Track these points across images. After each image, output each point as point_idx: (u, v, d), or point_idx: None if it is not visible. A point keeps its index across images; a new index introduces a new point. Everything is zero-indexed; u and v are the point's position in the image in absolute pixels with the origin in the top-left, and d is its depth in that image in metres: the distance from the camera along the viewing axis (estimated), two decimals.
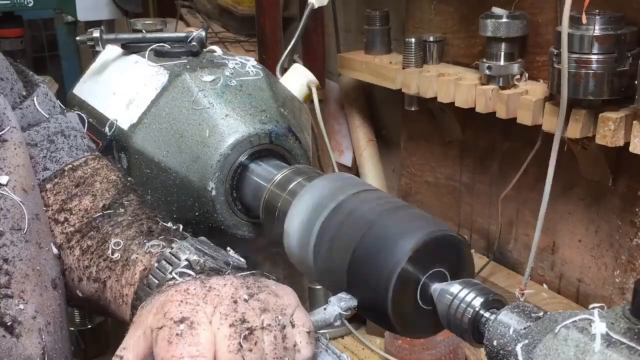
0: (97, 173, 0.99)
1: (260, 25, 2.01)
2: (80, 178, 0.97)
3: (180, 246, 0.81)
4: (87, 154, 1.02)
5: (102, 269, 0.87)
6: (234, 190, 1.10)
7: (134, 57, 1.24)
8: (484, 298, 0.74)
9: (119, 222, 0.91)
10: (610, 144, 1.31)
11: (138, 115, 1.13)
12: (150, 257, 0.83)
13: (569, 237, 1.64)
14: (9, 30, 2.11)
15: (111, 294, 0.86)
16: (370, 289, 0.78)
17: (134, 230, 0.89)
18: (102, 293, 0.87)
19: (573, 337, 0.60)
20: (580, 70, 1.30)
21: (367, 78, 1.92)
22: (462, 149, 1.89)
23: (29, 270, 0.81)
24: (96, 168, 1.00)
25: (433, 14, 1.82)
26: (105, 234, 0.90)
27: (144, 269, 0.82)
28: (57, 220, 0.94)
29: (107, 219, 0.92)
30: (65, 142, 1.00)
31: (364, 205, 0.85)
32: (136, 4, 2.10)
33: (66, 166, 0.99)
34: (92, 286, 0.89)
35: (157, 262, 0.80)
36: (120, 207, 0.93)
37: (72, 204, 0.95)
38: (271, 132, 1.12)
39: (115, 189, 0.97)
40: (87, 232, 0.91)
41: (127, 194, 0.96)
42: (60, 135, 1.00)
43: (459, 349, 1.63)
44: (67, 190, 0.96)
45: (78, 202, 0.95)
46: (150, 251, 0.83)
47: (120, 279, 0.84)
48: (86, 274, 0.89)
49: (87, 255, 0.89)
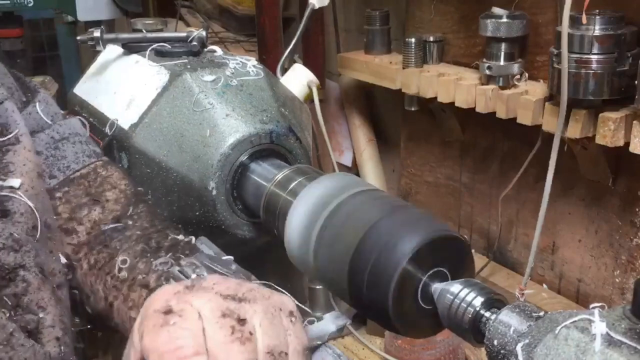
0: (107, 181, 0.97)
1: (260, 25, 2.01)
2: (89, 186, 0.96)
3: (188, 263, 0.79)
4: (95, 160, 1.00)
5: (109, 287, 0.85)
6: (234, 190, 1.10)
7: (135, 57, 1.24)
8: (484, 298, 0.74)
9: (127, 236, 0.89)
10: (610, 144, 1.31)
11: (139, 115, 1.13)
12: (158, 276, 0.80)
13: (569, 237, 1.64)
14: (9, 30, 2.11)
15: (119, 316, 0.83)
16: (372, 289, 0.78)
17: (142, 246, 0.86)
18: (110, 313, 0.85)
19: (573, 337, 0.60)
20: (580, 70, 1.30)
21: (367, 78, 1.92)
22: (462, 149, 1.89)
23: (44, 278, 0.78)
24: (105, 176, 0.98)
25: (433, 14, 1.82)
26: (114, 249, 0.88)
27: (150, 289, 0.79)
28: (67, 229, 0.92)
29: (116, 233, 0.90)
30: (70, 148, 0.98)
31: (365, 205, 0.85)
32: (136, 4, 2.09)
33: (74, 173, 0.97)
34: (100, 305, 0.87)
35: (165, 280, 0.78)
36: (129, 219, 0.92)
37: (81, 214, 0.93)
38: (272, 132, 1.12)
39: (125, 199, 0.95)
40: (95, 246, 0.89)
41: (136, 205, 0.95)
42: (65, 142, 0.98)
43: (459, 349, 1.63)
44: (77, 198, 0.94)
45: (87, 212, 0.93)
46: (158, 269, 0.81)
47: (127, 301, 0.82)
48: (93, 291, 0.87)
49: (95, 271, 0.87)
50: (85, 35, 1.27)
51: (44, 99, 0.99)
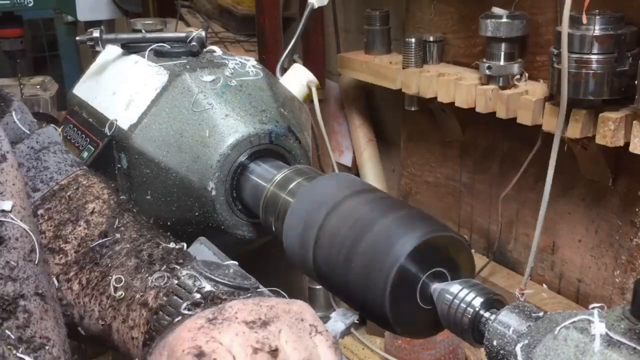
0: (89, 192, 0.92)
1: (260, 25, 2.01)
2: (70, 199, 0.91)
3: (187, 275, 0.76)
4: (76, 169, 0.95)
5: (106, 308, 0.81)
6: (234, 191, 1.10)
7: (134, 57, 1.24)
8: (484, 298, 0.74)
9: (117, 251, 0.85)
10: (610, 144, 1.31)
11: (138, 115, 1.13)
12: (156, 292, 0.77)
13: (569, 237, 1.64)
14: (9, 30, 2.11)
15: (118, 336, 0.80)
16: (370, 289, 0.78)
17: (134, 261, 0.83)
18: (108, 335, 0.82)
19: (573, 338, 0.60)
20: (580, 70, 1.30)
21: (367, 78, 1.92)
22: (462, 149, 1.89)
23: (47, 306, 0.73)
24: (86, 186, 0.93)
25: (433, 14, 1.82)
26: (105, 267, 0.84)
27: (150, 308, 0.77)
28: (52, 249, 0.87)
29: (105, 249, 0.85)
30: (52, 158, 0.93)
31: (364, 205, 0.85)
32: (136, 4, 2.09)
33: (56, 186, 0.92)
34: (96, 326, 0.83)
35: (165, 296, 0.76)
36: (116, 232, 0.87)
37: (66, 231, 0.88)
38: (271, 132, 1.12)
39: (109, 209, 0.90)
40: (85, 265, 0.85)
41: (121, 214, 0.90)
42: (45, 151, 0.93)
43: (459, 349, 1.63)
44: (60, 214, 0.89)
45: (72, 229, 0.88)
46: (155, 285, 0.78)
47: (126, 320, 0.79)
48: (88, 312, 0.83)
49: (87, 291, 0.84)
50: (84, 35, 1.26)
51: (19, 108, 0.93)
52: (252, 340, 0.64)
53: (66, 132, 1.26)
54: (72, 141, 1.23)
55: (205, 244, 0.95)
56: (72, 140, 1.23)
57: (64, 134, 1.26)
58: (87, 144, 1.19)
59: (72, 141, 1.23)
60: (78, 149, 1.20)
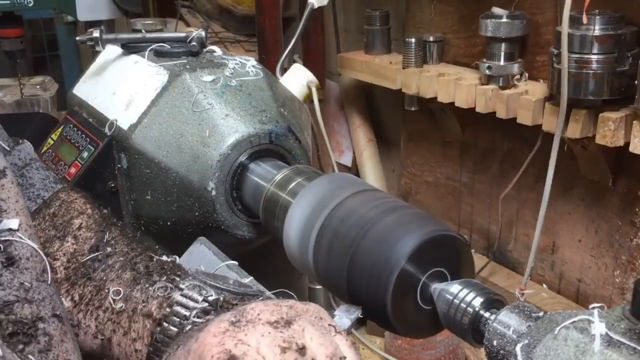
0: (72, 207, 0.90)
1: (260, 25, 2.01)
2: (55, 216, 0.89)
3: (190, 285, 0.76)
4: (59, 186, 0.93)
5: (104, 322, 0.80)
6: (234, 191, 1.10)
7: (134, 57, 1.24)
8: (484, 298, 0.74)
9: (109, 265, 0.83)
10: (610, 144, 1.31)
11: (138, 115, 1.13)
12: (159, 303, 0.76)
13: (569, 237, 1.64)
14: (9, 30, 2.11)
15: (119, 349, 0.79)
16: (370, 289, 0.78)
17: (130, 273, 0.81)
18: (108, 350, 0.80)
19: (573, 338, 0.60)
20: (580, 70, 1.30)
21: (367, 78, 1.92)
22: (462, 149, 1.89)
23: (65, 327, 0.71)
24: (69, 202, 0.91)
25: (433, 14, 1.82)
26: (100, 281, 0.82)
27: (154, 318, 0.76)
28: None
29: (98, 263, 0.84)
30: (36, 174, 0.91)
31: (364, 205, 0.85)
32: (136, 4, 2.09)
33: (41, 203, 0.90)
34: (93, 342, 0.81)
35: (169, 307, 0.75)
36: (107, 246, 0.85)
37: (53, 248, 0.86)
38: (271, 132, 1.12)
39: (95, 224, 0.88)
40: (77, 281, 0.83)
41: (108, 228, 0.88)
42: (28, 168, 0.90)
43: (459, 349, 1.62)
44: (44, 232, 0.87)
45: (60, 245, 0.86)
46: (158, 295, 0.77)
47: (128, 333, 0.77)
48: (83, 328, 0.81)
49: (82, 307, 0.82)
50: (84, 35, 1.27)
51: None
52: (279, 339, 0.64)
53: (66, 132, 1.26)
54: (72, 141, 1.23)
55: (205, 244, 0.96)
56: (72, 140, 1.23)
57: (64, 134, 1.26)
58: (87, 144, 1.19)
59: (72, 141, 1.23)
60: (78, 149, 1.20)
